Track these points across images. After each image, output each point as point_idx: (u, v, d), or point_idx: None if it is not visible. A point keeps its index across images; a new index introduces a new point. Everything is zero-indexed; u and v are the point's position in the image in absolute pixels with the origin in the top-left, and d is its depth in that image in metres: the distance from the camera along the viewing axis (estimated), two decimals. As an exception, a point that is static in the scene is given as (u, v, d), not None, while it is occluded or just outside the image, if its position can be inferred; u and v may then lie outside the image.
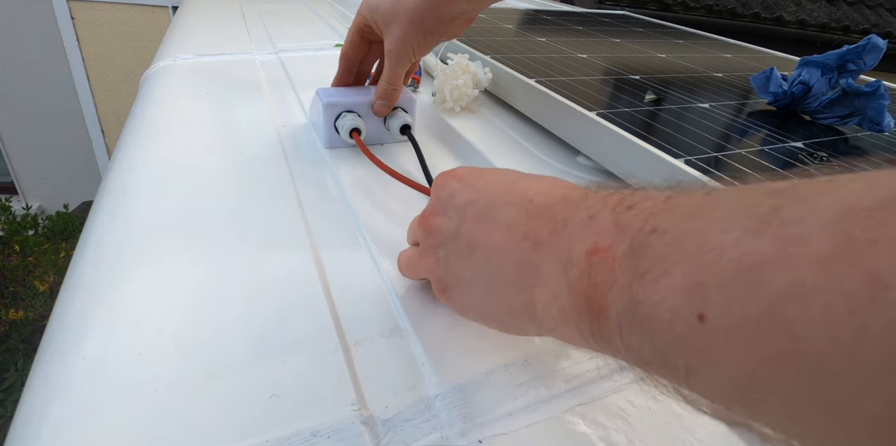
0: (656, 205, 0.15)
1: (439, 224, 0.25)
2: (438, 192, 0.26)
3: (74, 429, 0.20)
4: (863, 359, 0.09)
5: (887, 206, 0.10)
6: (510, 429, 0.22)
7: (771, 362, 0.10)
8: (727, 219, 0.12)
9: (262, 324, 0.26)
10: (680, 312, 0.12)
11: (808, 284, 0.10)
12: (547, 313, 0.18)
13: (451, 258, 0.24)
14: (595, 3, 2.04)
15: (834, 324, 0.09)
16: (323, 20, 0.99)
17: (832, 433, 0.10)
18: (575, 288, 0.16)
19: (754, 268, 0.11)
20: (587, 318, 0.16)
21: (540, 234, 0.19)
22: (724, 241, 0.12)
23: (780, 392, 0.10)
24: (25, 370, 1.59)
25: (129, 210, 0.34)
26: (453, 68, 0.56)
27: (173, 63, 0.64)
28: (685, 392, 0.13)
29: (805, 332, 0.10)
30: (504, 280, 0.21)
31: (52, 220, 2.31)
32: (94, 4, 2.56)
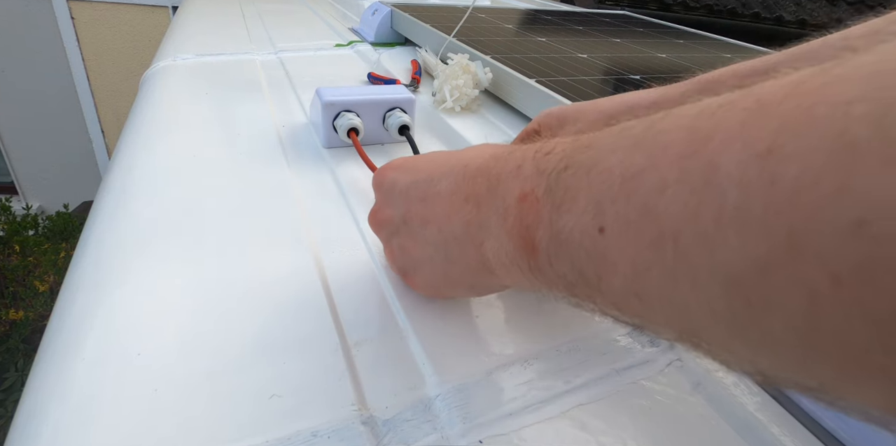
0: (566, 146, 0.17)
1: (387, 215, 0.27)
2: (380, 187, 0.27)
3: (74, 429, 0.20)
4: (704, 227, 0.11)
5: (726, 103, 0.12)
6: (510, 429, 0.22)
7: (645, 250, 0.13)
8: (614, 143, 0.15)
9: (262, 324, 0.26)
10: (586, 230, 0.15)
11: (668, 179, 0.12)
12: (497, 261, 0.20)
13: (404, 243, 0.26)
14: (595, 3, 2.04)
15: (683, 205, 0.12)
16: (323, 20, 0.99)
17: (690, 300, 0.12)
18: (513, 232, 0.18)
19: (633, 179, 0.13)
20: (525, 257, 0.18)
21: (479, 194, 0.21)
22: (611, 162, 0.14)
23: (654, 272, 0.13)
24: (25, 370, 1.58)
25: (129, 210, 0.34)
26: (453, 68, 0.56)
27: (173, 63, 0.64)
28: (600, 301, 0.16)
29: (665, 217, 0.12)
30: (457, 244, 0.22)
31: (52, 220, 2.31)
32: (94, 4, 2.56)
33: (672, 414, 0.24)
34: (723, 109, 0.12)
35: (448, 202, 0.22)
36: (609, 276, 0.14)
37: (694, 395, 0.25)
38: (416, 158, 0.27)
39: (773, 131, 0.11)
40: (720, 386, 0.25)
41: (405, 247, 0.26)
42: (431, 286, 0.27)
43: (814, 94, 0.10)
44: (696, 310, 0.12)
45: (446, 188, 0.23)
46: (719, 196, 0.11)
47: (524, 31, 0.79)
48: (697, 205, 0.12)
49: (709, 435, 0.23)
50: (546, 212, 0.17)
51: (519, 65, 0.57)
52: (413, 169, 0.26)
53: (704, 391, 0.25)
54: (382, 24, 0.82)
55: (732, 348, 0.12)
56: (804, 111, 0.10)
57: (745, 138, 0.11)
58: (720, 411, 0.24)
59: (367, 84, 0.63)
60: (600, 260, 0.14)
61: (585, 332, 0.28)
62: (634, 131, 0.14)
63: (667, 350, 0.27)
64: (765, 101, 0.11)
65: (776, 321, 0.11)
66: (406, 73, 0.67)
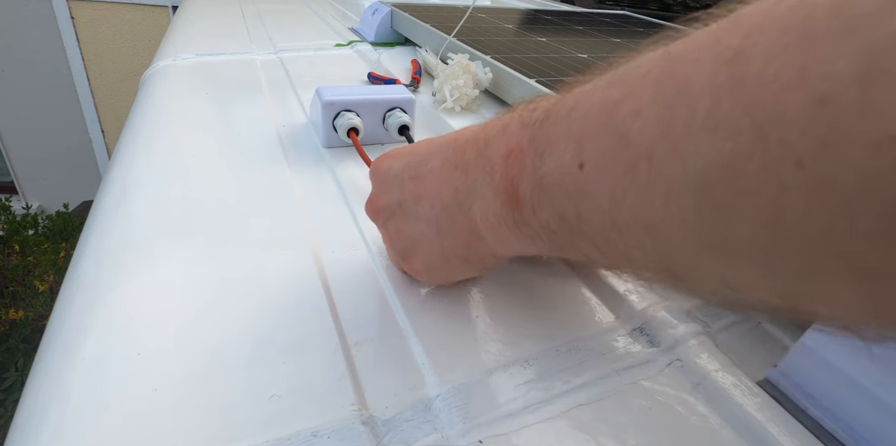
0: (550, 100, 0.18)
1: (383, 201, 0.27)
2: (376, 175, 0.27)
3: (74, 429, 0.20)
4: (676, 140, 0.12)
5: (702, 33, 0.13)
6: (510, 429, 0.22)
7: (622, 177, 0.13)
8: (592, 86, 0.16)
9: (262, 324, 0.26)
10: (566, 169, 0.15)
11: (642, 103, 0.13)
12: (485, 223, 0.20)
13: (399, 225, 0.26)
14: (595, 3, 2.04)
15: (656, 123, 0.12)
16: (323, 20, 0.99)
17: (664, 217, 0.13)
18: (499, 188, 0.19)
19: (610, 111, 0.14)
20: (510, 211, 0.18)
21: (468, 160, 0.21)
22: (589, 102, 0.15)
23: (630, 197, 0.13)
24: (25, 370, 1.58)
25: (129, 210, 0.34)
26: (453, 68, 0.56)
27: (173, 63, 0.64)
28: (581, 244, 0.16)
29: (640, 140, 0.13)
30: (447, 215, 0.23)
31: (52, 220, 2.31)
32: (94, 4, 2.56)
33: (672, 414, 0.24)
34: (698, 33, 0.13)
35: (439, 174, 0.23)
36: (588, 212, 0.15)
37: (694, 395, 0.25)
38: (411, 145, 0.27)
39: (741, 36, 0.11)
40: (720, 386, 0.25)
41: (400, 229, 0.26)
42: (430, 267, 0.26)
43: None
44: (669, 227, 0.13)
45: (437, 163, 0.23)
46: (691, 106, 0.12)
47: (524, 31, 0.79)
48: (670, 119, 0.12)
49: (709, 435, 0.23)
50: (529, 161, 0.17)
51: (519, 65, 0.57)
52: (408, 153, 0.26)
53: (704, 391, 0.25)
54: (382, 24, 0.82)
55: (701, 263, 0.13)
56: (768, 11, 0.11)
57: (716, 49, 0.12)
58: (720, 411, 0.24)
59: (367, 84, 0.63)
60: (580, 196, 0.15)
61: (585, 332, 0.28)
62: (612, 73, 0.15)
63: (667, 350, 0.27)
64: (739, 15, 0.12)
65: (744, 222, 0.11)
66: (406, 73, 0.67)
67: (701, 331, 0.28)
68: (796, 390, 0.24)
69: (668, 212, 0.13)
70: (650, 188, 0.13)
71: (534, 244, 0.19)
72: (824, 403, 0.23)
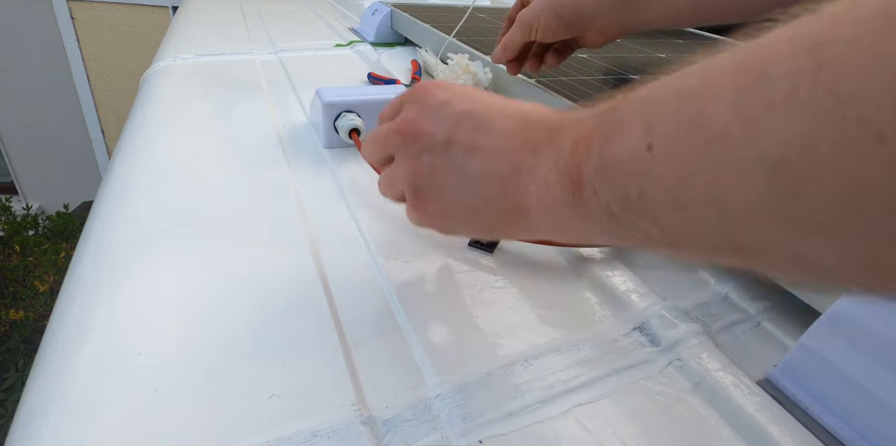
0: (622, 99, 0.18)
1: (427, 128, 0.24)
2: (421, 99, 0.25)
3: (74, 429, 0.20)
4: (752, 120, 0.12)
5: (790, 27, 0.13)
6: (510, 429, 0.22)
7: (693, 156, 0.14)
8: (666, 78, 0.16)
9: (262, 324, 0.26)
10: (633, 151, 0.16)
11: (720, 90, 0.14)
12: (539, 203, 0.21)
13: (437, 163, 0.24)
14: (595, 3, 2.04)
15: (732, 105, 0.13)
16: (323, 20, 0.99)
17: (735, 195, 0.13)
18: (562, 172, 0.19)
19: (686, 98, 0.15)
20: (570, 192, 0.19)
21: (538, 140, 0.21)
22: (663, 92, 0.16)
23: (700, 176, 0.14)
24: (26, 370, 1.58)
25: (129, 210, 0.34)
26: (453, 68, 0.56)
27: (173, 63, 0.64)
28: (641, 223, 0.17)
29: (715, 121, 0.13)
30: (498, 183, 0.22)
31: (52, 220, 2.31)
32: (94, 4, 2.56)
33: (672, 414, 0.24)
34: (777, 29, 0.13)
35: (503, 139, 0.23)
36: (652, 191, 0.16)
37: (694, 395, 0.25)
38: (466, 88, 0.25)
39: (824, 25, 0.12)
40: (720, 386, 0.25)
41: (436, 169, 0.24)
42: (444, 214, 0.25)
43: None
44: (740, 203, 0.13)
45: (505, 128, 0.23)
46: (769, 90, 0.12)
47: (524, 31, 0.78)
48: (748, 103, 0.13)
49: (709, 435, 0.23)
50: (596, 147, 0.18)
51: (519, 65, 0.57)
52: (469, 98, 0.25)
53: (704, 391, 0.25)
54: (382, 24, 0.82)
55: (773, 237, 0.13)
56: (851, 3, 0.12)
57: (797, 40, 0.12)
58: (720, 411, 0.24)
59: (367, 84, 0.63)
60: (645, 176, 0.16)
61: (585, 332, 0.28)
62: (686, 68, 0.16)
63: (667, 350, 0.27)
64: (821, 10, 0.12)
65: (821, 196, 0.11)
66: (406, 73, 0.67)
67: (701, 330, 0.28)
68: (796, 390, 0.24)
69: (739, 189, 0.13)
70: (722, 167, 0.13)
71: (592, 224, 0.19)
72: (824, 403, 0.23)
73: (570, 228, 0.21)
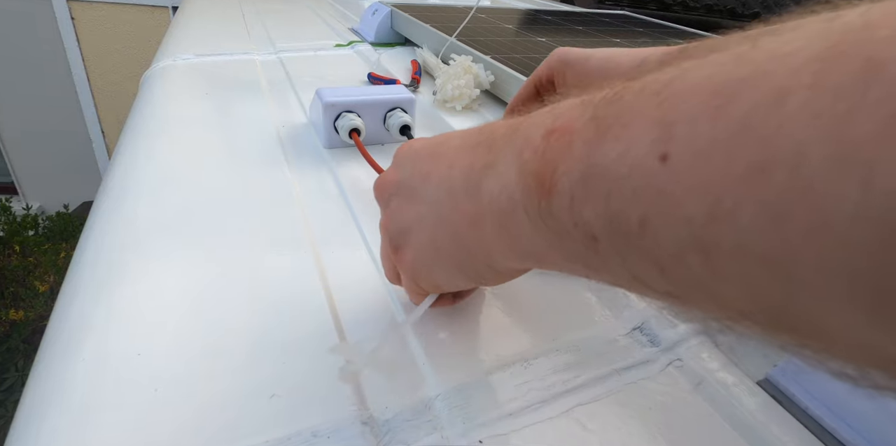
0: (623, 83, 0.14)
1: (392, 177, 0.24)
2: (397, 154, 0.25)
3: (74, 429, 0.20)
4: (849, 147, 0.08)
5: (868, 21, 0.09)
6: (510, 429, 0.22)
7: (737, 182, 0.10)
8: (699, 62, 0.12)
9: (263, 324, 0.26)
10: (639, 160, 0.11)
11: (790, 86, 0.09)
12: (494, 205, 0.17)
13: (401, 204, 0.23)
14: (595, 3, 2.04)
15: (815, 117, 0.09)
16: (323, 20, 0.99)
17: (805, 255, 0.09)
18: (526, 169, 0.15)
19: (730, 93, 0.10)
20: (535, 197, 0.15)
21: (495, 137, 0.18)
22: (692, 79, 0.11)
23: (747, 211, 0.09)
24: (25, 370, 1.58)
25: (129, 210, 0.34)
26: (455, 68, 0.56)
27: (173, 63, 0.64)
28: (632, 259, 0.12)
29: (780, 135, 0.09)
30: (450, 198, 0.19)
31: (52, 220, 2.31)
32: (94, 4, 2.56)
33: (672, 414, 0.24)
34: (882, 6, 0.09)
35: (455, 152, 0.20)
36: (663, 221, 0.11)
37: (694, 395, 0.25)
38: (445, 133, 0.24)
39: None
40: (720, 386, 0.25)
41: (399, 209, 0.23)
42: (419, 261, 0.22)
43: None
44: (810, 271, 0.09)
45: (459, 141, 0.20)
46: (886, 98, 0.08)
47: (524, 31, 0.79)
48: (845, 114, 0.08)
49: (709, 435, 0.23)
50: (581, 143, 0.13)
51: (519, 65, 0.57)
52: (435, 137, 0.23)
53: (704, 391, 0.25)
54: (382, 24, 0.82)
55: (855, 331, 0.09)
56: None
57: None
58: (720, 411, 0.24)
59: (367, 84, 0.63)
60: (654, 198, 0.11)
61: (585, 332, 0.28)
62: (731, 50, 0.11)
63: (667, 350, 0.27)
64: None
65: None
66: (406, 73, 0.67)
67: (701, 330, 0.28)
68: (796, 389, 0.24)
69: (816, 249, 0.09)
70: (788, 207, 0.09)
71: (559, 245, 0.15)
72: (824, 402, 0.23)
73: (528, 248, 0.16)
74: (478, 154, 0.18)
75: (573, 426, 0.23)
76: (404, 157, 0.24)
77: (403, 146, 0.25)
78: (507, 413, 0.23)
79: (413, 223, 0.22)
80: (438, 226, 0.20)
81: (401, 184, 0.23)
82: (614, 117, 0.13)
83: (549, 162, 0.14)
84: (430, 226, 0.21)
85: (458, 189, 0.19)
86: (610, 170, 0.12)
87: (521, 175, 0.15)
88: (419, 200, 0.21)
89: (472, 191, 0.18)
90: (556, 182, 0.14)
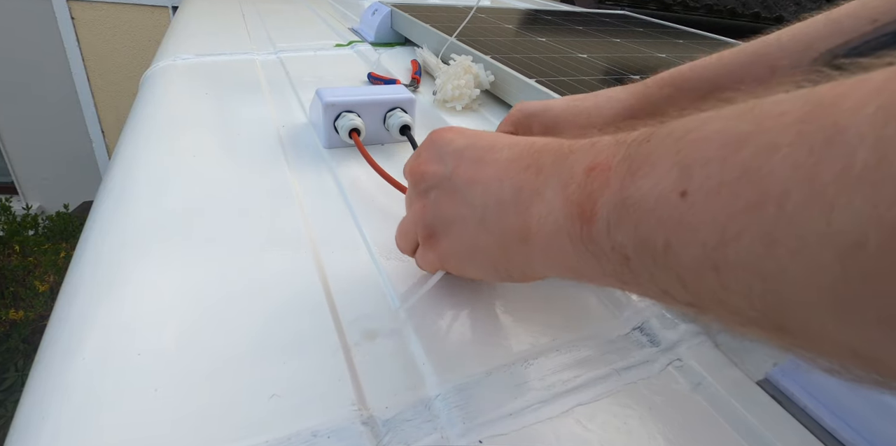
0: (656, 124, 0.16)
1: (433, 168, 0.25)
2: (433, 143, 0.26)
3: (74, 429, 0.20)
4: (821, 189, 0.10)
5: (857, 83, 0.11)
6: (510, 429, 0.22)
7: (739, 214, 0.12)
8: (710, 116, 0.14)
9: (263, 324, 0.26)
10: (664, 194, 0.14)
11: (779, 142, 0.12)
12: (541, 228, 0.19)
13: (441, 198, 0.24)
14: (595, 3, 2.04)
15: (795, 166, 0.11)
16: (323, 20, 0.99)
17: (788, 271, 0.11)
18: (571, 200, 0.18)
19: (735, 143, 0.13)
20: (578, 224, 0.17)
21: (543, 164, 0.20)
22: (707, 130, 0.14)
23: (746, 239, 0.12)
24: (25, 370, 1.58)
25: (129, 210, 0.34)
26: (455, 68, 0.56)
27: (173, 63, 0.64)
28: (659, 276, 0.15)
29: (771, 179, 0.11)
30: (499, 208, 0.21)
31: (52, 220, 2.31)
32: (94, 4, 2.56)
33: (672, 414, 0.24)
34: (847, 81, 0.11)
35: (504, 167, 0.21)
36: (681, 244, 0.13)
37: (694, 395, 0.25)
38: (477, 131, 0.26)
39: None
40: (720, 386, 0.25)
41: (440, 203, 0.24)
42: (455, 253, 0.25)
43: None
44: (794, 283, 0.11)
45: (507, 155, 0.22)
46: (844, 155, 0.10)
47: (524, 31, 0.79)
48: (815, 165, 0.11)
49: (708, 435, 0.23)
50: (616, 179, 0.16)
51: (519, 65, 0.57)
52: (474, 136, 0.25)
53: (704, 391, 0.25)
54: (382, 24, 0.82)
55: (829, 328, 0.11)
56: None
57: (882, 101, 0.10)
58: (720, 411, 0.24)
59: (367, 84, 0.63)
60: (675, 226, 0.14)
61: (585, 332, 0.28)
62: (736, 108, 0.14)
63: (667, 350, 0.27)
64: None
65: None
66: (406, 73, 0.67)
67: (701, 330, 0.28)
68: (796, 389, 0.24)
69: (796, 267, 0.11)
70: (776, 234, 0.11)
71: (597, 264, 0.17)
72: (824, 402, 0.23)
73: (570, 264, 0.19)
74: (527, 178, 0.20)
75: (573, 426, 0.23)
76: (445, 151, 0.25)
77: (441, 136, 0.26)
78: (507, 413, 0.23)
79: (455, 219, 0.24)
80: (482, 231, 0.23)
81: (442, 179, 0.24)
82: (643, 158, 0.15)
83: (590, 195, 0.17)
84: (472, 228, 0.23)
85: (508, 205, 0.21)
86: (640, 203, 0.15)
87: (566, 204, 0.18)
88: (463, 202, 0.23)
89: (522, 211, 0.20)
90: (595, 212, 0.16)
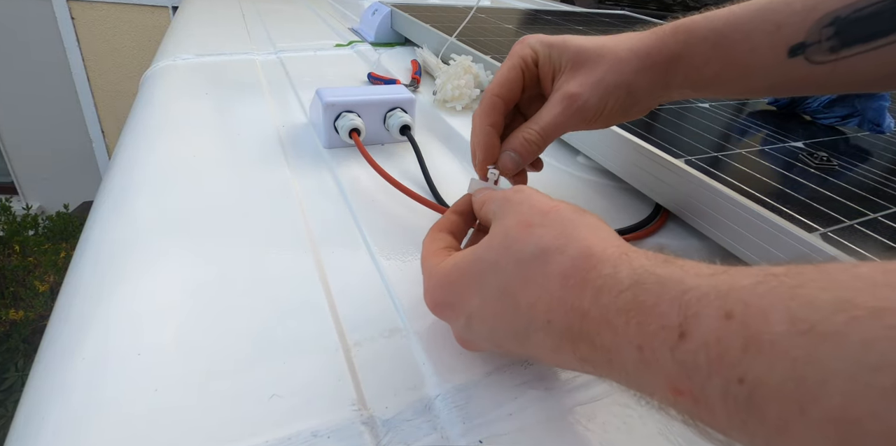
0: (720, 327, 0.14)
1: (454, 313, 0.23)
2: (455, 318, 0.23)
3: (74, 429, 0.20)
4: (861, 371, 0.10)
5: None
6: (510, 429, 0.22)
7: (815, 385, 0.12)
8: (823, 272, 0.13)
9: (263, 324, 0.26)
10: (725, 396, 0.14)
11: (843, 331, 0.11)
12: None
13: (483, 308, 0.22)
14: (595, 3, 2.04)
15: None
16: (323, 20, 0.99)
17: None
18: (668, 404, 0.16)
19: (800, 323, 0.12)
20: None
21: (605, 346, 0.18)
22: (820, 285, 0.13)
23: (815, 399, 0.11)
24: (25, 370, 1.58)
25: (129, 210, 0.34)
26: (455, 68, 0.56)
27: (173, 63, 0.64)
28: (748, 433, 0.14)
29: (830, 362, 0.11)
30: (551, 353, 0.20)
31: (52, 220, 2.31)
32: (94, 4, 2.56)
33: (672, 414, 0.24)
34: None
35: (549, 308, 0.19)
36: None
37: (694, 395, 0.25)
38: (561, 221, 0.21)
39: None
40: (720, 386, 0.25)
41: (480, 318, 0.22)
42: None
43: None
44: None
45: (557, 294, 0.19)
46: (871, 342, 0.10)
47: (524, 31, 0.79)
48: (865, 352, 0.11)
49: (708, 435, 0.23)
50: (707, 415, 0.15)
51: (519, 65, 0.57)
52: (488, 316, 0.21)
53: (704, 391, 0.25)
54: (382, 24, 0.82)
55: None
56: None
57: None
58: (720, 411, 0.24)
59: (367, 84, 0.63)
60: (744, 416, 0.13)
61: (585, 332, 0.28)
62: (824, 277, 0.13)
63: (667, 350, 0.27)
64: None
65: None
66: (406, 73, 0.67)
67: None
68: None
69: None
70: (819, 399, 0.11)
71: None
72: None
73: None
74: (580, 347, 0.18)
75: (573, 426, 0.23)
76: (473, 330, 0.22)
77: (458, 312, 0.22)
78: (507, 413, 0.23)
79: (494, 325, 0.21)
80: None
81: (472, 312, 0.22)
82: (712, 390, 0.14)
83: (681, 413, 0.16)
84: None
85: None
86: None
87: (663, 403, 0.16)
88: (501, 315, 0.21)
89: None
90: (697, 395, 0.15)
